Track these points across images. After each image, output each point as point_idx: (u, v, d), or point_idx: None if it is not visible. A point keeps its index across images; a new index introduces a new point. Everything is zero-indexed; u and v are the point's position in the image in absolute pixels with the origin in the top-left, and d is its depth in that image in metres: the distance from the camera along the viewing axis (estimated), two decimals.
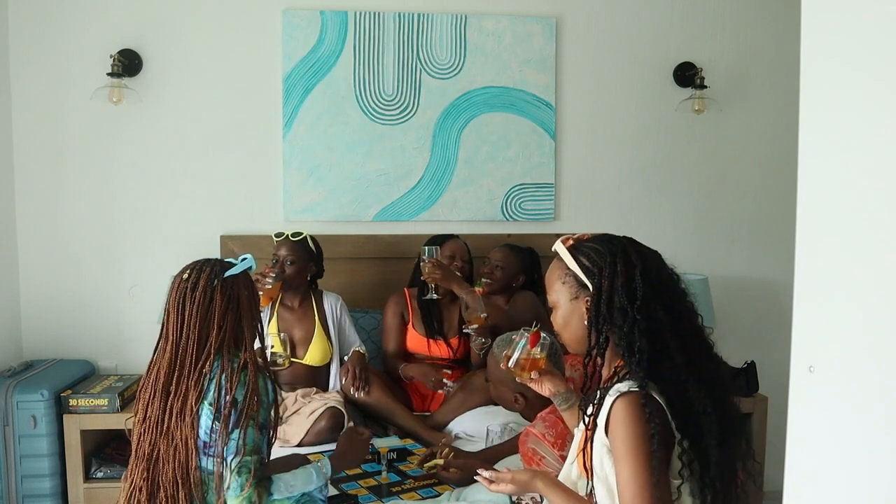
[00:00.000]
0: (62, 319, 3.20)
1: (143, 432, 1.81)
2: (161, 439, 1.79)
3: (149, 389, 1.83)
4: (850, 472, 0.90)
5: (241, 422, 1.76)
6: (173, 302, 1.83)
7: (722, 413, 1.44)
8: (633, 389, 1.43)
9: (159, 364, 1.83)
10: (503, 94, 3.36)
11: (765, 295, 3.51)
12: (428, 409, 2.95)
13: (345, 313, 2.99)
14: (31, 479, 2.79)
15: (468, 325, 2.75)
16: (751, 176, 3.54)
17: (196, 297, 1.81)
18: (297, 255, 2.89)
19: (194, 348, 1.80)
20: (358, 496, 2.22)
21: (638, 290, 1.46)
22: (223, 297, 1.82)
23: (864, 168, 0.87)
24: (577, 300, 1.55)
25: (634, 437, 1.38)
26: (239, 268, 1.88)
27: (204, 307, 1.81)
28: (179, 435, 1.77)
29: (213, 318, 1.81)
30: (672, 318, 1.48)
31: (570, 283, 1.56)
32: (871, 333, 0.86)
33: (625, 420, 1.40)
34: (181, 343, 1.81)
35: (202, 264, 1.87)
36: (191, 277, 1.83)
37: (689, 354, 1.46)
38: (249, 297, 1.89)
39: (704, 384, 1.44)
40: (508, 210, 3.40)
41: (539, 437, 2.10)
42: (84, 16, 3.13)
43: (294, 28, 3.23)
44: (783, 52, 3.38)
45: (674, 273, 1.57)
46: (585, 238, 1.60)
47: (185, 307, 1.81)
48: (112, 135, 3.19)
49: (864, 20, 0.87)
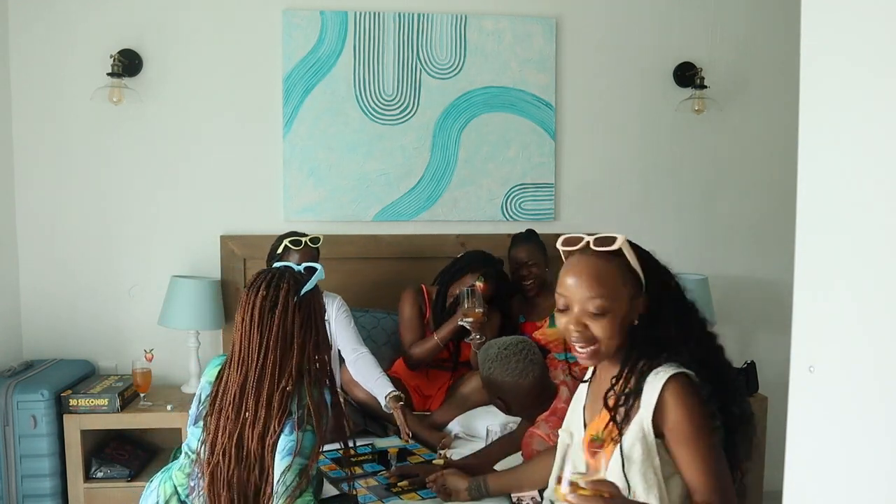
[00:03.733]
0: (62, 319, 3.20)
1: (221, 459, 1.72)
2: (242, 464, 1.72)
3: (221, 413, 1.74)
4: (850, 472, 0.90)
5: (301, 425, 1.71)
6: (250, 321, 1.74)
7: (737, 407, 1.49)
8: (681, 370, 1.43)
9: (233, 386, 1.75)
10: (503, 94, 3.36)
11: (765, 295, 3.51)
12: (428, 409, 2.95)
13: (343, 314, 2.91)
14: (31, 479, 2.79)
15: (464, 317, 2.72)
16: (751, 176, 3.54)
17: (276, 315, 1.73)
18: (315, 261, 2.83)
19: (274, 369, 1.72)
20: (358, 496, 2.22)
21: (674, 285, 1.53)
22: (302, 316, 1.76)
23: (864, 168, 0.87)
24: (636, 300, 1.48)
25: (698, 416, 1.40)
26: (312, 282, 1.81)
27: (284, 328, 1.73)
28: (261, 458, 1.71)
29: (293, 337, 1.74)
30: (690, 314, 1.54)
31: (630, 283, 1.47)
32: (871, 333, 0.86)
33: (685, 401, 1.40)
34: (259, 363, 1.73)
35: (278, 279, 1.78)
36: (269, 295, 1.75)
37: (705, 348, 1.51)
38: (321, 310, 1.84)
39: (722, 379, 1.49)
40: (508, 210, 3.40)
41: (544, 438, 2.11)
42: (84, 16, 3.13)
43: (294, 28, 3.23)
44: (783, 52, 3.38)
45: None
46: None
47: (263, 325, 1.73)
48: (112, 135, 3.19)
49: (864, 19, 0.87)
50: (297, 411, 1.71)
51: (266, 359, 1.72)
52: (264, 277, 1.79)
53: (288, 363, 1.74)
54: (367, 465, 2.49)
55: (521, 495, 2.09)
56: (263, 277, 1.79)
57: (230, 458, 1.71)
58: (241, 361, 1.75)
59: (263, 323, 1.73)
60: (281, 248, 2.82)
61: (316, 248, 2.86)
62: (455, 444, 2.67)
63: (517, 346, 2.24)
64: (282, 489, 1.68)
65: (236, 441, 1.72)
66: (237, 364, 1.76)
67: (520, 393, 2.22)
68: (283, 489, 1.68)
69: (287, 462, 1.68)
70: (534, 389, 2.22)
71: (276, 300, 1.74)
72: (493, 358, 2.23)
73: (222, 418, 1.74)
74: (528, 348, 2.25)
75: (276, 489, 1.69)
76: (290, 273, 1.82)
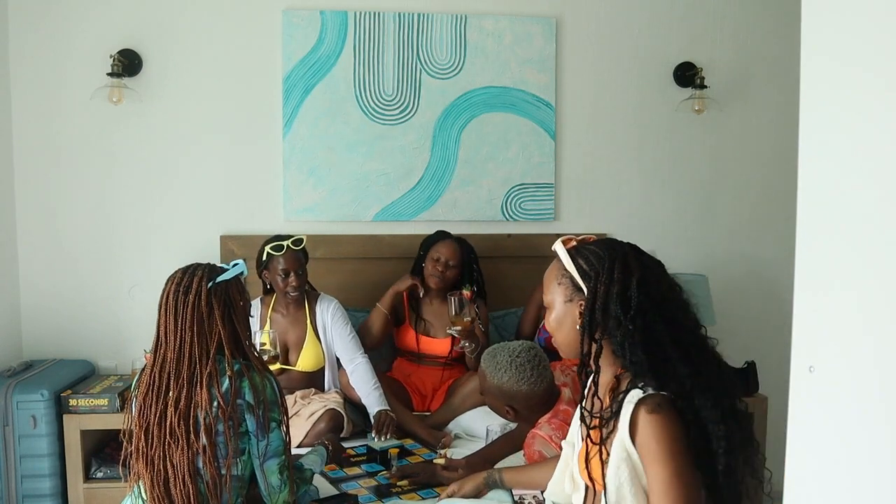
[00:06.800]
0: (62, 319, 3.20)
1: (143, 438, 1.81)
2: (167, 442, 1.78)
3: (145, 392, 1.82)
4: (850, 472, 0.90)
5: (269, 424, 1.81)
6: (166, 304, 1.84)
7: (731, 423, 1.41)
8: (653, 392, 1.41)
9: (156, 367, 1.83)
10: (503, 94, 3.36)
11: (765, 295, 3.51)
12: (428, 409, 2.95)
13: (339, 319, 2.87)
14: (31, 479, 2.79)
15: (452, 325, 2.74)
16: (751, 175, 3.54)
17: (189, 300, 1.82)
18: (301, 264, 2.83)
19: (191, 351, 1.80)
20: (358, 496, 2.22)
21: (633, 299, 1.43)
22: (219, 302, 1.84)
23: (864, 168, 0.87)
24: (571, 303, 1.52)
25: (667, 437, 1.36)
26: (230, 273, 1.89)
27: (199, 310, 1.81)
28: (188, 437, 1.77)
29: (208, 321, 1.82)
30: (672, 329, 1.44)
31: (566, 284, 1.53)
32: (872, 333, 0.86)
33: (653, 422, 1.37)
34: (177, 346, 1.81)
35: (195, 268, 1.88)
36: (184, 281, 1.84)
37: (694, 365, 1.43)
38: (243, 303, 1.92)
39: (711, 394, 1.41)
40: (508, 210, 3.40)
41: (546, 439, 2.11)
42: (84, 16, 3.13)
43: (294, 28, 3.23)
44: (783, 52, 3.38)
45: (676, 284, 1.53)
46: (587, 241, 1.56)
47: (177, 310, 1.82)
48: (112, 135, 3.19)
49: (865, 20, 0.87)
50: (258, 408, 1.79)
51: (182, 340, 1.81)
52: (184, 268, 1.90)
53: (207, 345, 1.81)
54: (366, 465, 2.49)
55: (524, 493, 2.10)
56: (184, 268, 1.90)
57: (152, 438, 1.79)
58: (160, 345, 1.84)
59: (178, 306, 1.82)
60: (265, 255, 2.82)
61: (300, 249, 2.83)
62: (455, 443, 2.68)
63: (528, 353, 2.23)
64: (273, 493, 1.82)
65: (157, 420, 1.79)
66: (156, 348, 1.85)
67: (533, 400, 2.21)
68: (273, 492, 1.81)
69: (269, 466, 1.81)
70: (545, 395, 2.23)
71: (190, 285, 1.83)
72: (504, 367, 2.20)
73: (145, 400, 1.82)
74: (538, 354, 2.25)
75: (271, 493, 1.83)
76: (210, 265, 1.92)
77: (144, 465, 1.79)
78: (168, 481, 1.77)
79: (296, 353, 2.87)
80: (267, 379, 1.86)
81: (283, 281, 2.79)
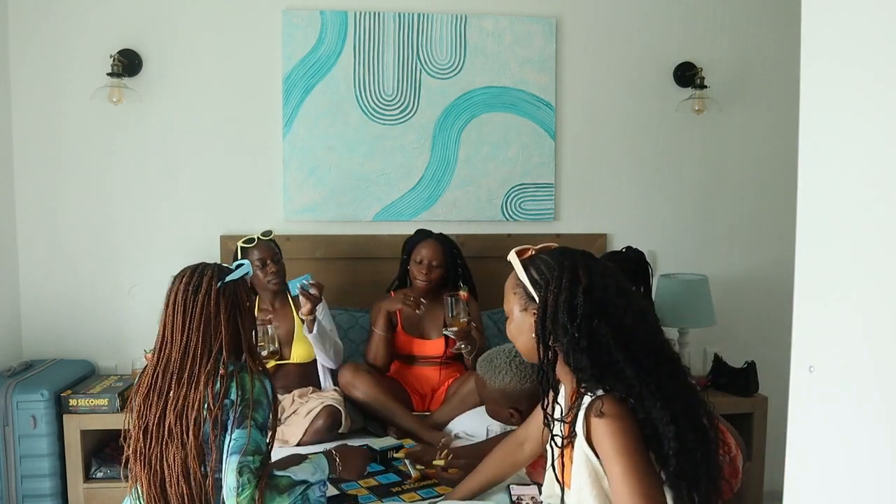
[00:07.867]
0: (62, 319, 3.20)
1: (142, 438, 1.80)
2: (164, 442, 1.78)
3: (146, 392, 1.81)
4: (850, 472, 0.90)
5: (242, 422, 1.76)
6: (174, 303, 1.83)
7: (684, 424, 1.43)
8: (603, 394, 1.45)
9: (159, 366, 1.82)
10: (503, 94, 3.36)
11: (765, 295, 3.51)
12: (428, 409, 2.95)
13: (326, 315, 2.93)
14: (31, 479, 2.79)
15: (448, 327, 2.74)
16: (751, 176, 3.54)
17: (199, 299, 1.80)
18: (275, 253, 2.90)
19: (195, 351, 1.80)
20: (358, 496, 2.22)
21: (578, 308, 1.47)
22: (227, 302, 1.83)
23: (864, 168, 0.87)
24: (526, 312, 1.58)
25: (619, 435, 1.40)
26: (237, 273, 1.88)
27: (207, 310, 1.80)
28: (182, 437, 1.77)
29: (215, 321, 1.81)
30: (618, 334, 1.47)
31: (520, 294, 1.59)
32: (871, 333, 0.86)
33: (604, 423, 1.41)
34: (183, 345, 1.80)
35: (203, 267, 1.87)
36: (193, 279, 1.83)
37: (643, 368, 1.45)
38: (249, 303, 1.91)
39: (661, 395, 1.43)
40: (508, 210, 3.40)
41: None
42: (84, 16, 3.13)
43: (294, 28, 3.23)
44: (783, 52, 3.38)
45: (628, 290, 1.55)
46: (542, 250, 1.61)
47: (186, 309, 1.81)
48: (112, 135, 3.19)
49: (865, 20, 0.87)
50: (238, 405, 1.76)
51: (189, 339, 1.79)
52: (190, 267, 1.89)
53: (211, 345, 1.80)
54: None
55: (521, 494, 2.09)
56: (190, 267, 1.89)
57: (151, 438, 1.78)
58: (165, 344, 1.82)
59: (186, 305, 1.81)
60: (239, 252, 2.87)
61: (270, 240, 2.91)
62: (455, 443, 2.67)
63: None
64: (230, 494, 1.72)
65: (157, 420, 1.78)
66: (161, 347, 1.83)
67: (536, 397, 2.20)
68: (230, 493, 1.72)
69: (229, 463, 1.73)
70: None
71: (200, 284, 1.82)
72: (504, 369, 2.19)
73: (145, 400, 1.80)
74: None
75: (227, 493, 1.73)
76: (217, 264, 1.91)
77: (142, 465, 1.79)
78: (164, 481, 1.77)
79: (288, 346, 2.90)
80: (259, 380, 1.82)
81: (262, 271, 2.84)
